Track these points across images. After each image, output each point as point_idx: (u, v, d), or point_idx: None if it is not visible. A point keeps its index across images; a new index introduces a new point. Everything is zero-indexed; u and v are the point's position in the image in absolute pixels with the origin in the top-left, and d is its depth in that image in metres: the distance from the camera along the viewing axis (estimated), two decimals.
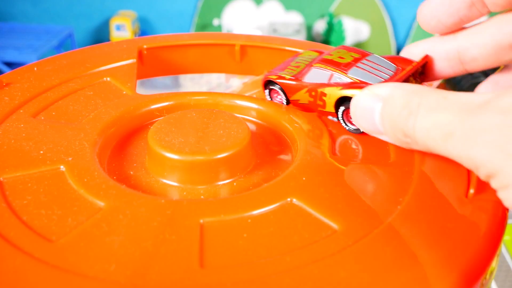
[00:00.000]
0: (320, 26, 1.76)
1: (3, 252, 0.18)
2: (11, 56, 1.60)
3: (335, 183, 0.21)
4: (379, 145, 0.24)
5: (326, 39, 1.66)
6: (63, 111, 0.26)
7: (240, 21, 1.80)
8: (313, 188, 0.21)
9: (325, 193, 0.21)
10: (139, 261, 0.17)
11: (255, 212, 0.20)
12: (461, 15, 0.23)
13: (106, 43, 0.34)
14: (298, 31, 1.68)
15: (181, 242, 0.18)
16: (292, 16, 1.78)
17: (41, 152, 0.23)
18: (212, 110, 0.25)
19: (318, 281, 0.17)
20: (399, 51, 1.69)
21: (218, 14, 1.80)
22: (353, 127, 0.25)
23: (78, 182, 0.21)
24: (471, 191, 0.20)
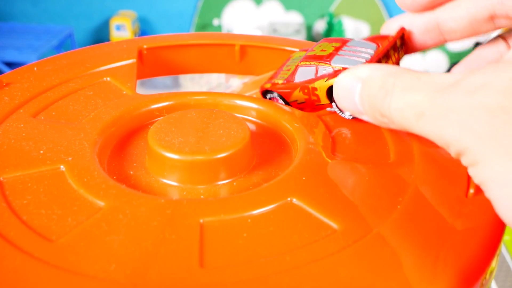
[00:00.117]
0: (320, 26, 1.76)
1: (3, 252, 0.18)
2: (11, 56, 1.60)
3: (335, 183, 0.21)
4: (379, 145, 0.24)
5: None
6: (63, 111, 0.26)
7: (240, 21, 1.80)
8: (313, 188, 0.21)
9: (325, 193, 0.21)
10: (139, 260, 0.17)
11: (255, 212, 0.20)
12: None
13: (106, 43, 0.34)
14: (298, 31, 1.68)
15: (181, 242, 0.18)
16: (292, 16, 1.78)
17: (41, 152, 0.23)
18: (212, 110, 0.25)
19: (318, 280, 0.17)
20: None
21: (218, 14, 1.80)
22: (348, 114, 0.26)
23: (78, 182, 0.21)
24: (471, 191, 0.20)
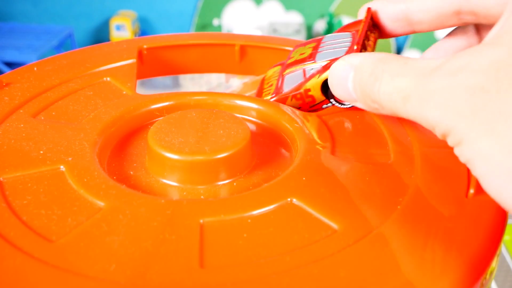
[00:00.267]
0: (320, 26, 1.76)
1: (3, 252, 0.18)
2: (11, 56, 1.60)
3: (335, 183, 0.21)
4: (379, 145, 0.24)
5: None
6: (63, 111, 0.26)
7: (240, 21, 1.80)
8: (313, 188, 0.21)
9: (325, 193, 0.21)
10: (139, 261, 0.17)
11: (255, 212, 0.20)
12: None
13: (106, 43, 0.34)
14: (298, 31, 1.68)
15: (181, 242, 0.18)
16: (292, 16, 1.78)
17: (41, 152, 0.23)
18: (212, 110, 0.25)
19: (318, 281, 0.17)
20: (399, 51, 1.69)
21: (218, 14, 1.80)
22: (346, 104, 0.26)
23: (78, 182, 0.21)
24: (471, 191, 0.20)
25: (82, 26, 1.91)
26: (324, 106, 0.27)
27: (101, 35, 1.91)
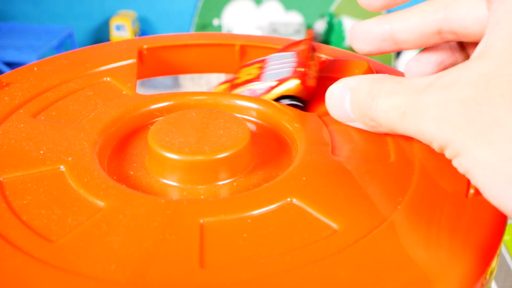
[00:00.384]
0: (320, 26, 1.76)
1: (3, 252, 0.18)
2: (11, 56, 1.60)
3: (335, 183, 0.21)
4: (379, 145, 0.24)
5: (326, 39, 1.66)
6: (63, 111, 0.26)
7: (240, 21, 1.80)
8: (313, 188, 0.21)
9: (325, 193, 0.21)
10: (139, 261, 0.17)
11: (255, 212, 0.20)
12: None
13: (106, 43, 0.34)
14: (298, 31, 1.68)
15: (181, 242, 0.18)
16: (292, 16, 1.78)
17: (41, 152, 0.23)
18: (212, 110, 0.25)
19: (318, 281, 0.17)
20: (399, 51, 1.69)
21: (218, 14, 1.80)
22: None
23: (78, 182, 0.21)
24: (471, 191, 0.20)
25: (82, 26, 1.91)
26: None
27: (101, 35, 1.91)
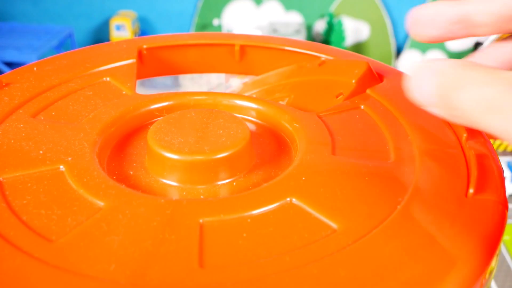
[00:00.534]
0: (320, 26, 1.76)
1: (3, 252, 0.18)
2: (11, 56, 1.60)
3: (334, 183, 0.21)
4: (379, 145, 0.24)
5: (326, 39, 1.66)
6: (63, 111, 0.26)
7: (240, 21, 1.80)
8: (312, 188, 0.21)
9: (324, 193, 0.21)
10: (139, 261, 0.17)
11: (255, 212, 0.20)
12: None
13: (106, 43, 0.34)
14: (298, 31, 1.68)
15: (180, 242, 0.18)
16: (292, 16, 1.78)
17: (41, 152, 0.23)
18: (211, 110, 0.25)
19: (318, 281, 0.17)
20: (399, 51, 1.69)
21: (218, 14, 1.80)
22: None
23: (77, 182, 0.21)
24: (471, 191, 0.20)
25: (82, 26, 1.91)
26: None
27: (101, 35, 1.91)
